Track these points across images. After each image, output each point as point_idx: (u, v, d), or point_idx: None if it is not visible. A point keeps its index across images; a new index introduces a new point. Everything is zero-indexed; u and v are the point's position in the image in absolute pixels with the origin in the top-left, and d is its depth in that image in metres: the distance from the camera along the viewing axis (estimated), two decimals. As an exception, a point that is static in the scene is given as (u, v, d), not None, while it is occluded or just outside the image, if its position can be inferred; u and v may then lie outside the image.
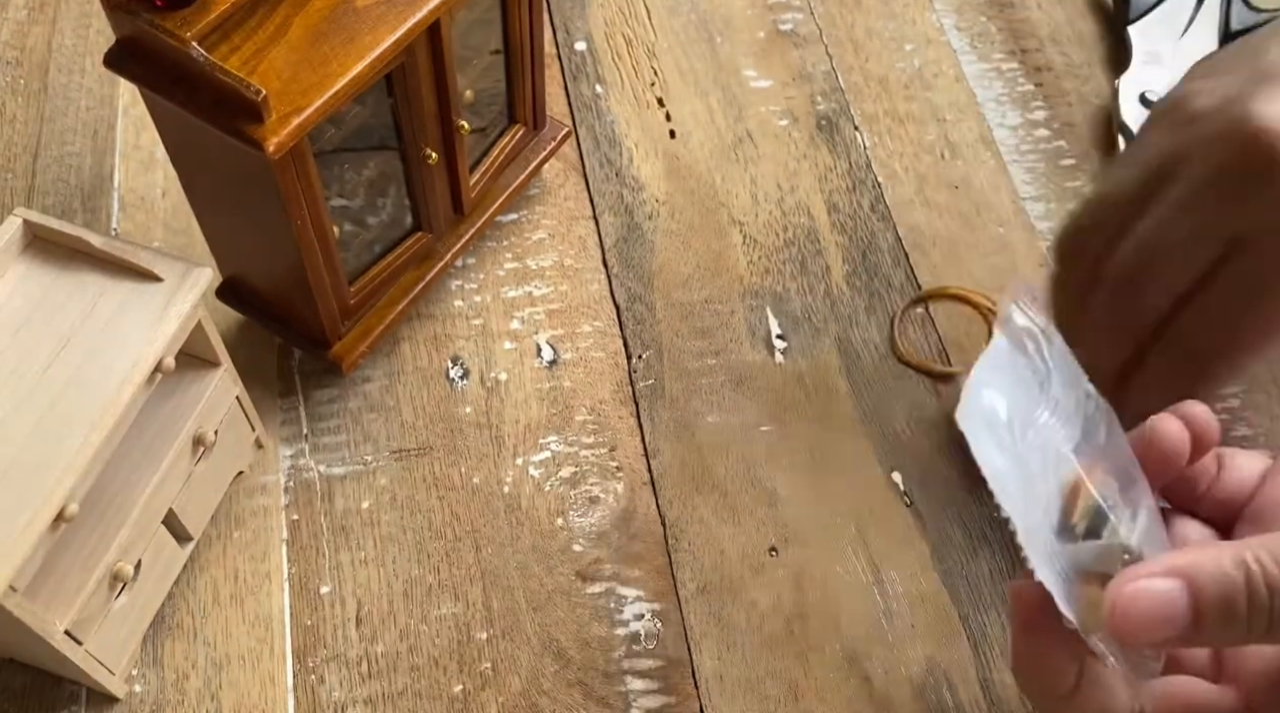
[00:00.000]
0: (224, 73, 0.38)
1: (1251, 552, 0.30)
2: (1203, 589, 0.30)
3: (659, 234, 0.57)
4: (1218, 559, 0.30)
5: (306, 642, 0.46)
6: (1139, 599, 0.30)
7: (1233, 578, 0.29)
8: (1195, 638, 0.30)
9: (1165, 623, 0.30)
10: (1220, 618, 0.30)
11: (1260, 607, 0.29)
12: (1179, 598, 0.30)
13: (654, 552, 0.48)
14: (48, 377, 0.40)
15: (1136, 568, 0.31)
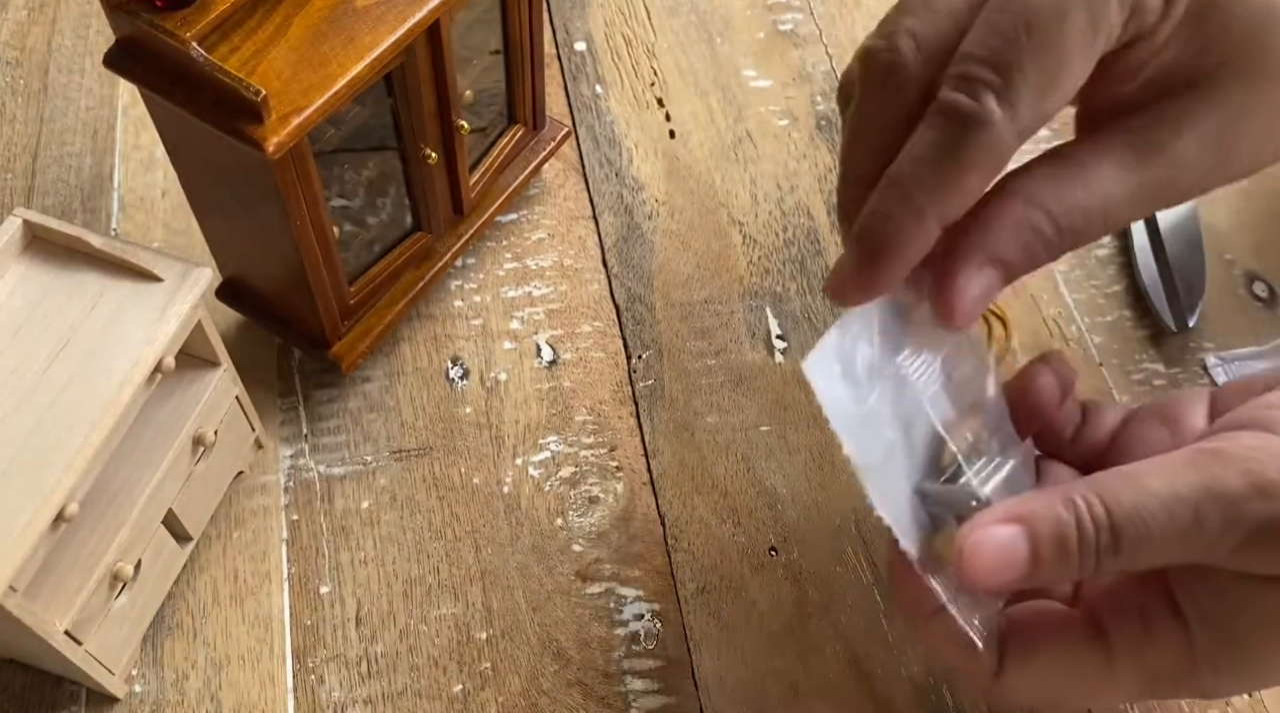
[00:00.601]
0: (223, 73, 0.38)
1: (1079, 492, 0.32)
2: (1038, 531, 0.32)
3: (659, 234, 0.57)
4: (1050, 502, 0.32)
5: (306, 642, 0.46)
6: (983, 546, 0.32)
7: (1064, 518, 0.31)
8: (1034, 577, 0.32)
9: (1008, 567, 0.32)
10: (1055, 557, 0.31)
11: (1088, 542, 0.31)
12: (1019, 542, 0.32)
13: (654, 552, 0.48)
14: (47, 377, 0.40)
15: (979, 517, 0.33)
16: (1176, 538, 0.30)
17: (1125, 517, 0.31)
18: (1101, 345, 0.54)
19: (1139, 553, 0.31)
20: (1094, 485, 0.32)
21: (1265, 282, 0.55)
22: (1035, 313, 0.54)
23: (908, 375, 0.36)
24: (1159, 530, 0.30)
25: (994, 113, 0.31)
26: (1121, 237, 0.57)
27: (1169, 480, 0.31)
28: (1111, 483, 0.32)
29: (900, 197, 0.32)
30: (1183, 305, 0.53)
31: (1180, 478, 0.31)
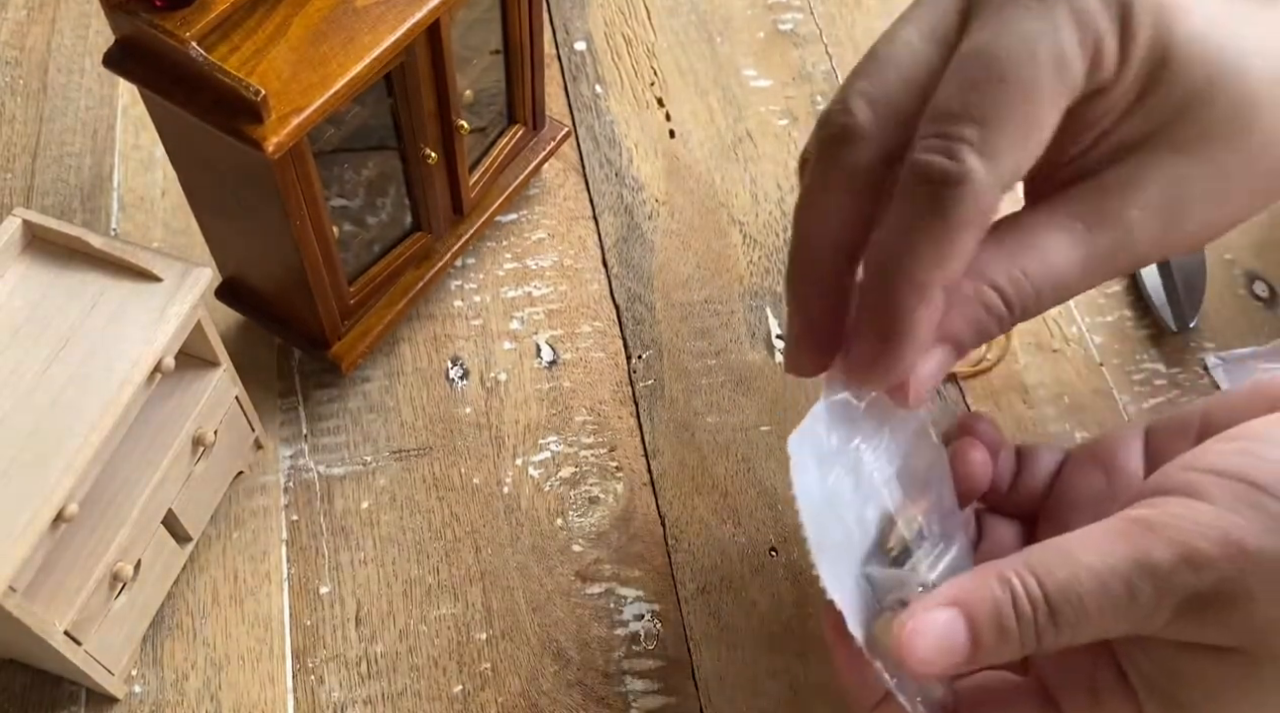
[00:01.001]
0: (223, 73, 0.38)
1: (1014, 569, 0.31)
2: (976, 614, 0.31)
3: (659, 234, 0.57)
4: (985, 582, 0.31)
5: (306, 642, 0.46)
6: (920, 633, 0.31)
7: (1000, 598, 0.31)
8: (976, 659, 0.32)
9: (948, 652, 0.31)
10: (994, 639, 0.31)
11: (1026, 622, 0.31)
12: (957, 627, 0.31)
13: (654, 552, 0.48)
14: (47, 377, 0.40)
15: (917, 603, 0.32)
16: (1112, 612, 0.30)
17: (1060, 594, 0.30)
18: (1102, 345, 0.53)
19: (1077, 629, 0.31)
20: (1029, 562, 0.31)
21: (1266, 281, 0.55)
22: (1035, 313, 0.54)
23: (863, 456, 0.35)
24: (1094, 607, 0.30)
25: (975, 169, 0.30)
26: (1122, 236, 0.57)
27: (1101, 555, 0.30)
28: (1046, 558, 0.31)
29: (900, 272, 0.31)
30: (1183, 305, 0.53)
31: (1112, 551, 0.30)
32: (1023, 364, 0.53)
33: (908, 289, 0.31)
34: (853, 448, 0.35)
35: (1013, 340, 0.53)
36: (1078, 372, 0.53)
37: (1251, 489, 0.30)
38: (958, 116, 0.31)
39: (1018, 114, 0.30)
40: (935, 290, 0.32)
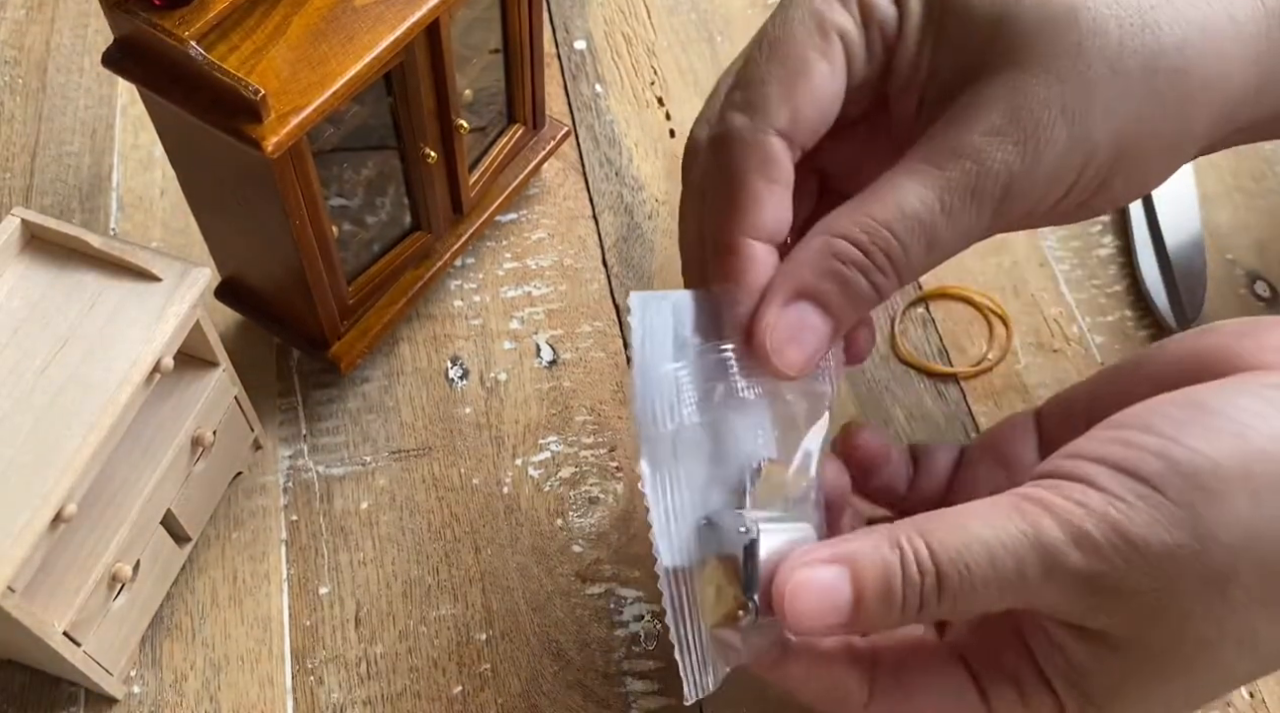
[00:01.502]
0: (222, 72, 0.38)
1: (904, 533, 0.31)
2: (863, 572, 0.31)
3: (659, 234, 0.57)
4: (876, 544, 0.31)
5: (305, 643, 0.46)
6: (805, 588, 0.31)
7: (890, 560, 0.31)
8: (857, 623, 0.31)
9: (829, 612, 0.31)
10: (879, 602, 0.31)
11: (913, 586, 0.30)
12: (842, 585, 0.31)
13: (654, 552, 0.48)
14: (46, 377, 0.40)
15: (800, 553, 0.32)
16: (998, 586, 0.30)
17: (949, 562, 0.30)
18: (1103, 345, 0.53)
19: (961, 600, 0.30)
20: (919, 527, 0.31)
21: (1267, 281, 0.55)
22: (1036, 313, 0.54)
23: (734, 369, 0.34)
24: (981, 578, 0.30)
25: (736, 124, 0.34)
26: (1123, 236, 0.57)
27: (993, 528, 0.30)
28: (937, 527, 0.31)
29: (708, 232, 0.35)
30: (1184, 305, 0.53)
31: (1004, 526, 0.30)
32: (1023, 364, 0.53)
33: (721, 246, 0.34)
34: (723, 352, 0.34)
35: (1013, 340, 0.53)
36: (1079, 372, 0.53)
37: (1137, 482, 0.30)
38: (730, 89, 0.35)
39: (779, 69, 0.34)
40: (742, 242, 0.34)
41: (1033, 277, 0.55)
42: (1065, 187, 0.34)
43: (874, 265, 0.34)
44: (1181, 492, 0.29)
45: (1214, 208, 0.57)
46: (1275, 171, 0.59)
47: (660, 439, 0.33)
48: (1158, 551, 0.29)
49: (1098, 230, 0.57)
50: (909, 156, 0.34)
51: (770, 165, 0.34)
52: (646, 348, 0.33)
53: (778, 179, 0.34)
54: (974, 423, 0.51)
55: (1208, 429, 0.30)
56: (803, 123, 0.34)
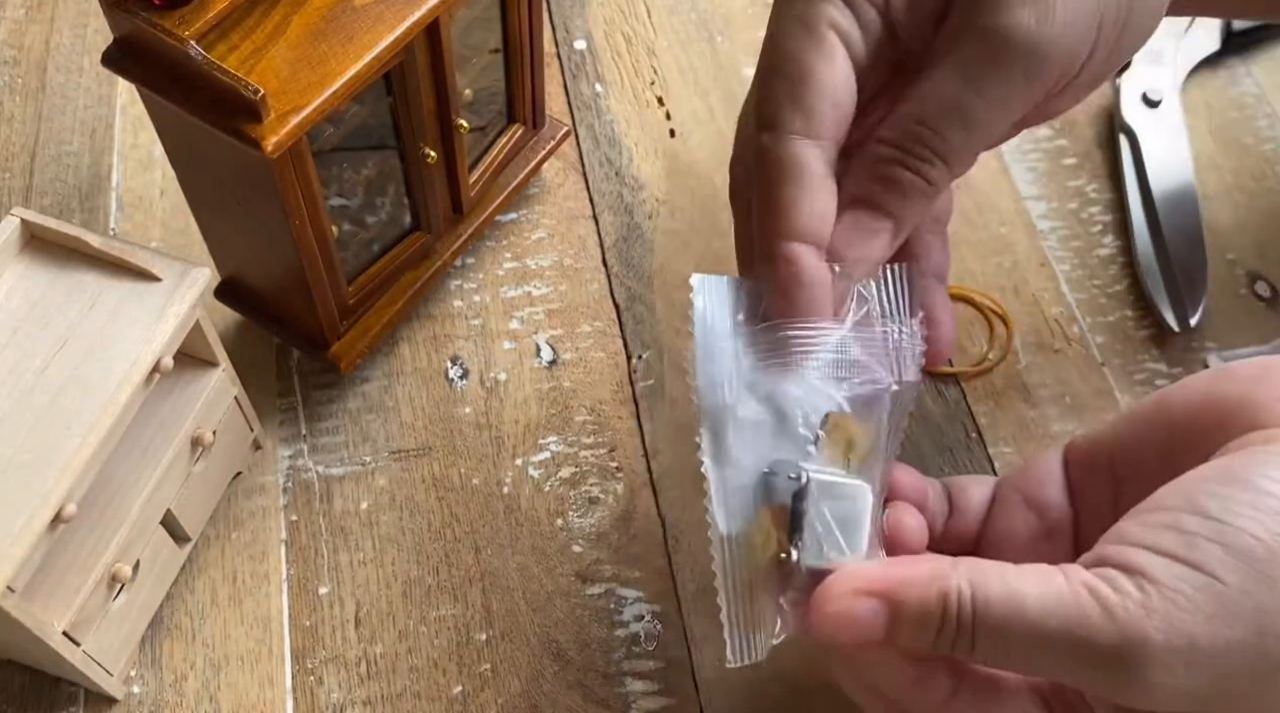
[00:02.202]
0: (222, 72, 0.38)
1: (956, 582, 0.31)
2: (902, 611, 0.31)
3: (659, 234, 0.57)
4: (927, 585, 0.31)
5: (305, 643, 0.46)
6: (842, 617, 0.31)
7: (932, 608, 0.31)
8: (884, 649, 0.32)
9: (859, 635, 0.32)
10: (909, 637, 0.31)
11: (947, 635, 0.31)
12: (879, 619, 0.31)
13: (654, 553, 0.48)
14: (45, 377, 0.40)
15: (844, 573, 0.32)
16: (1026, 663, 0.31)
17: (988, 625, 0.30)
18: (1104, 345, 0.53)
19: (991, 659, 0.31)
20: (973, 579, 0.31)
21: (1267, 281, 0.55)
22: (1037, 312, 0.54)
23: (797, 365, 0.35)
24: (1016, 651, 0.30)
25: (763, 143, 0.36)
26: (1123, 236, 0.57)
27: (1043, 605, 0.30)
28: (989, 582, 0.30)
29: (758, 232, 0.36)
30: (1185, 305, 0.53)
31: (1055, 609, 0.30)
32: (1024, 364, 0.53)
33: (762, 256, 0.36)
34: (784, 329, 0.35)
35: (1014, 340, 0.53)
36: (1079, 372, 0.53)
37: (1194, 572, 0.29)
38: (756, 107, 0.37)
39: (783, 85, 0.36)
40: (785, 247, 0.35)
41: (1033, 277, 0.55)
42: (1088, 45, 0.35)
43: (911, 155, 0.35)
44: (1242, 579, 0.28)
45: (1214, 208, 0.57)
46: (1275, 171, 0.59)
47: (720, 410, 0.34)
48: (1220, 648, 0.28)
49: (1098, 230, 0.57)
50: (932, 54, 0.35)
51: (798, 170, 0.35)
52: (707, 323, 0.35)
53: (805, 182, 0.35)
54: (974, 423, 0.51)
55: (1255, 509, 0.29)
56: (817, 120, 0.35)
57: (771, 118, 0.36)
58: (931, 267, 0.40)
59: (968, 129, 0.35)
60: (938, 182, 0.35)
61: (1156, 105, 0.59)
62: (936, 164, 0.35)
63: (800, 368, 0.35)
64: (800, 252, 0.35)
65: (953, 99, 0.34)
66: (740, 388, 0.34)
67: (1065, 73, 0.35)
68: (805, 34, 0.36)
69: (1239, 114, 0.61)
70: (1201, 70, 0.62)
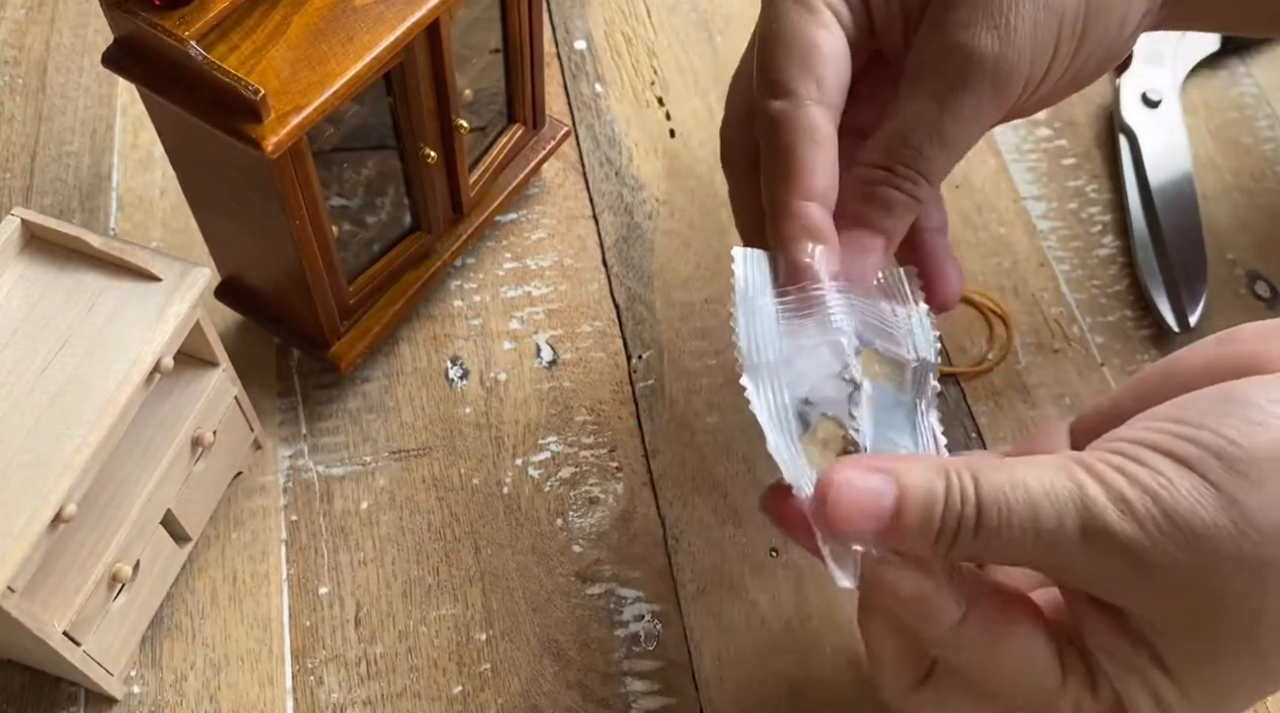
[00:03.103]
0: (222, 72, 0.38)
1: (954, 465, 0.32)
2: (909, 489, 0.32)
3: (659, 234, 0.57)
4: (926, 467, 0.32)
5: (305, 643, 0.46)
6: (847, 488, 0.32)
7: (935, 485, 0.31)
8: (891, 537, 0.32)
9: (868, 516, 0.32)
10: (918, 518, 0.32)
11: (953, 512, 0.31)
12: (886, 495, 0.32)
13: (654, 553, 0.48)
14: (45, 377, 0.40)
15: (849, 459, 0.33)
16: (1035, 533, 0.31)
17: (991, 499, 0.31)
18: (1103, 345, 0.53)
19: (996, 540, 0.31)
20: (969, 464, 0.32)
21: (1267, 281, 0.55)
22: (1037, 312, 0.54)
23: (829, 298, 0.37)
24: (1020, 521, 0.31)
25: (776, 108, 0.37)
26: (1123, 236, 0.57)
27: (1039, 479, 0.31)
28: (986, 467, 0.32)
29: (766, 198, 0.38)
30: (1184, 305, 0.53)
31: (1050, 478, 0.31)
32: (1024, 364, 0.53)
33: (778, 210, 0.37)
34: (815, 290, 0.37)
35: (1014, 340, 0.53)
36: (1079, 372, 0.53)
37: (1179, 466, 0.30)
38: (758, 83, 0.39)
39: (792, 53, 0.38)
40: (800, 205, 0.37)
41: (1033, 277, 0.55)
42: (1047, 57, 0.37)
43: (897, 176, 0.38)
44: (1222, 478, 0.30)
45: (1214, 208, 0.57)
46: (1275, 171, 0.59)
47: (761, 366, 0.36)
48: (1196, 529, 0.30)
49: (1098, 231, 0.57)
50: (906, 74, 0.38)
51: (815, 132, 0.37)
52: (748, 290, 0.36)
53: (820, 143, 0.37)
54: (974, 423, 0.51)
55: (1243, 421, 0.30)
56: (829, 88, 0.38)
57: (784, 85, 0.38)
58: (932, 223, 0.42)
59: (944, 147, 0.38)
60: (920, 196, 0.38)
61: (1156, 105, 0.59)
62: (919, 181, 0.38)
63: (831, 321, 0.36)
64: (817, 211, 0.37)
65: (928, 120, 0.37)
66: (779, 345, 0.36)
67: (1029, 84, 0.38)
68: (806, 12, 0.38)
69: (1238, 114, 0.61)
70: (1201, 70, 0.62)
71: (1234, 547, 0.30)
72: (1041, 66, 0.37)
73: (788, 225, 0.37)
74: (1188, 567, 0.30)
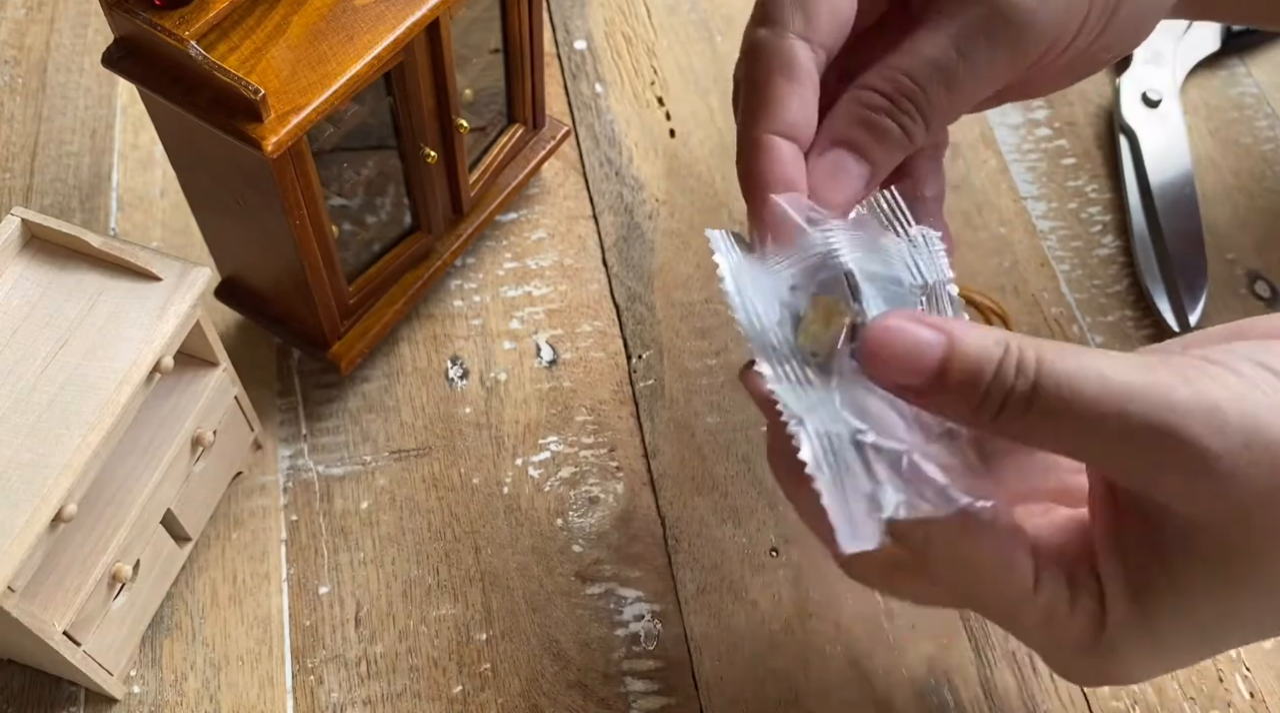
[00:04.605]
0: (222, 72, 0.38)
1: (1020, 341, 0.30)
2: (961, 348, 0.30)
3: (659, 234, 0.57)
4: (985, 333, 0.30)
5: (305, 643, 0.46)
6: (901, 334, 0.30)
7: (992, 352, 0.30)
8: (934, 391, 0.30)
9: (910, 368, 0.30)
10: (965, 378, 0.30)
11: (1003, 381, 0.29)
12: (935, 349, 0.30)
13: (654, 552, 0.48)
14: (45, 376, 0.40)
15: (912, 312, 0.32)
16: (1095, 419, 0.29)
17: (1051, 378, 0.29)
18: (1103, 345, 0.53)
19: (1048, 419, 0.29)
20: (1036, 344, 0.30)
21: (1267, 281, 0.55)
22: (1037, 312, 0.54)
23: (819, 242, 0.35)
24: (1080, 402, 0.29)
25: (758, 34, 0.36)
26: (1123, 236, 0.57)
27: (1115, 367, 0.29)
28: (1055, 348, 0.30)
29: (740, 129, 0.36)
30: (1184, 305, 0.53)
31: (1128, 370, 0.29)
32: (1024, 364, 0.53)
33: (744, 144, 0.36)
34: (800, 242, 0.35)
35: (1013, 340, 0.53)
36: (1079, 371, 0.53)
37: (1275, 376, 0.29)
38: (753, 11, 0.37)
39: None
40: (765, 138, 0.35)
41: (1033, 277, 0.55)
42: (1076, 25, 0.36)
43: (899, 109, 0.36)
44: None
45: (1214, 208, 0.57)
46: (1275, 172, 0.59)
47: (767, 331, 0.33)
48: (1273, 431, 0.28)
49: (1098, 230, 0.57)
50: (927, 12, 0.36)
51: (791, 66, 0.36)
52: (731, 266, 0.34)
53: (798, 79, 0.36)
54: (974, 423, 0.51)
55: None
56: (819, 26, 0.36)
57: (772, 13, 0.36)
58: (930, 191, 0.41)
59: (951, 93, 0.36)
60: (915, 137, 0.37)
61: (1156, 105, 0.59)
62: (918, 120, 0.36)
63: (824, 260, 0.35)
64: (782, 146, 0.36)
65: (941, 60, 0.36)
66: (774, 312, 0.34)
67: (1051, 49, 0.37)
68: None
69: (1239, 114, 0.61)
70: (1201, 70, 0.62)
71: None
72: (1069, 34, 0.36)
73: (751, 156, 0.36)
74: (1262, 479, 0.28)
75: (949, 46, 0.36)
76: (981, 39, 0.36)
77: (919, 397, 0.31)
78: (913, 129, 0.36)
